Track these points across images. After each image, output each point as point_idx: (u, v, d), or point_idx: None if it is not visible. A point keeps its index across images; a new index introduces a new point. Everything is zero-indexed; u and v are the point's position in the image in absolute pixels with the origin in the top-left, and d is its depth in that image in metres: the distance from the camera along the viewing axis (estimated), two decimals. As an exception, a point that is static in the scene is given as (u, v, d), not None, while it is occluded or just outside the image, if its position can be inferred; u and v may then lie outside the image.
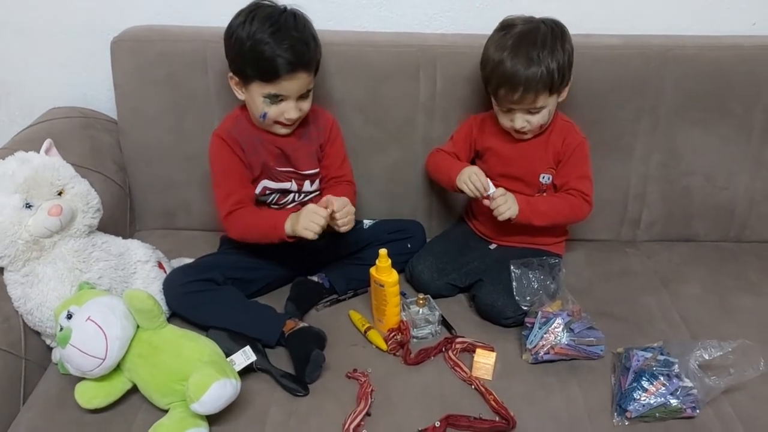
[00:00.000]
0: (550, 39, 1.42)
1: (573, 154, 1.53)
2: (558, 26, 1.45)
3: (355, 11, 1.71)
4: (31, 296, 1.31)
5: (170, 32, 1.66)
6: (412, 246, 1.63)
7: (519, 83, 1.40)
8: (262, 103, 1.43)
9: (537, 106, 1.45)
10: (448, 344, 1.41)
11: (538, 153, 1.54)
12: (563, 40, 1.44)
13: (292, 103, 1.44)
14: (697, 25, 1.68)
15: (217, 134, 1.51)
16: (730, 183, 1.70)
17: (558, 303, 1.41)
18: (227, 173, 1.50)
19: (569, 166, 1.54)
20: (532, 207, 1.50)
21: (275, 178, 1.54)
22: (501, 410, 1.25)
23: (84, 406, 1.24)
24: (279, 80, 1.39)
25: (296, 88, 1.42)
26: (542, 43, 1.41)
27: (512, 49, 1.41)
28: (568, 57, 1.44)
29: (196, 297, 1.42)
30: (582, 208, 1.53)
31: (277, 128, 1.49)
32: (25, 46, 1.79)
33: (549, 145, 1.54)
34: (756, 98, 1.62)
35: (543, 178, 1.55)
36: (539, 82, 1.40)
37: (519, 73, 1.40)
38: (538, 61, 1.40)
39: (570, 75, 1.47)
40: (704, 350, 1.27)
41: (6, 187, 1.28)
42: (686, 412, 1.24)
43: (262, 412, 1.26)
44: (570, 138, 1.53)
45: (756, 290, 1.59)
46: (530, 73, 1.39)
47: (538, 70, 1.39)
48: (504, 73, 1.41)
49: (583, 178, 1.54)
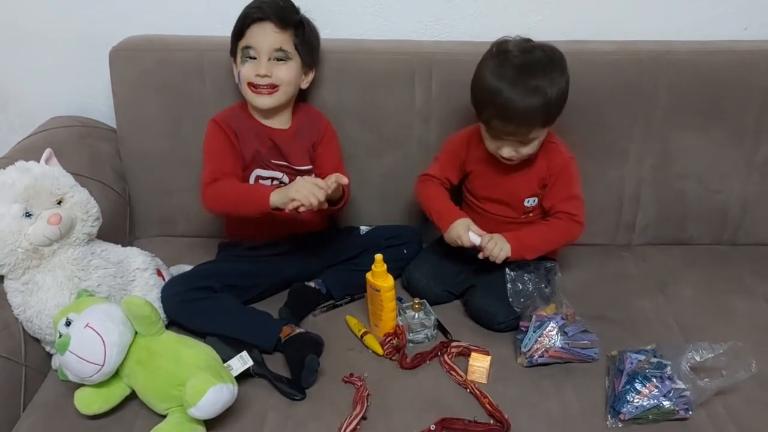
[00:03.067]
0: (549, 69, 1.37)
1: (559, 177, 1.50)
2: (555, 53, 1.40)
3: (352, 19, 1.72)
4: (30, 304, 1.32)
5: (168, 41, 1.68)
6: (408, 252, 1.64)
7: (515, 116, 1.36)
8: (240, 63, 1.50)
9: (529, 138, 1.41)
10: (444, 348, 1.42)
11: (522, 178, 1.52)
12: (561, 68, 1.39)
13: (263, 60, 1.48)
14: (690, 30, 1.70)
15: (214, 119, 1.56)
16: (723, 186, 1.71)
17: (552, 306, 1.42)
18: (217, 154, 1.53)
19: (556, 188, 1.51)
20: (523, 242, 1.47)
21: (266, 167, 1.56)
22: (496, 413, 1.26)
23: (83, 412, 1.25)
24: (248, 29, 1.48)
25: (265, 39, 1.48)
26: (542, 75, 1.36)
27: (510, 80, 1.35)
28: (566, 85, 1.40)
29: (193, 305, 1.44)
30: (572, 231, 1.50)
31: (253, 96, 1.52)
32: (25, 56, 1.80)
33: (534, 170, 1.51)
34: (748, 102, 1.63)
35: (528, 202, 1.53)
36: (536, 116, 1.37)
37: (517, 106, 1.35)
38: (537, 95, 1.35)
39: (565, 100, 1.43)
40: (696, 352, 1.28)
41: (6, 196, 1.30)
42: (679, 414, 1.25)
43: (259, 417, 1.27)
44: (555, 161, 1.50)
45: (750, 293, 1.60)
46: (528, 108, 1.35)
47: (537, 104, 1.35)
48: (501, 104, 1.36)
49: (571, 199, 1.50)
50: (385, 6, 1.71)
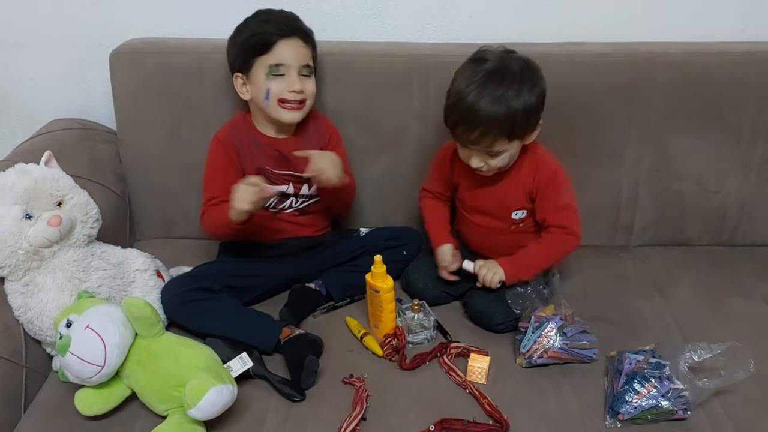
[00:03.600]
0: (518, 81, 1.33)
1: (546, 189, 1.46)
2: (530, 67, 1.37)
3: (350, 22, 1.74)
4: (31, 305, 1.33)
5: (168, 45, 1.69)
6: (407, 253, 1.64)
7: (477, 123, 1.34)
8: (265, 80, 1.48)
9: (494, 150, 1.38)
10: (443, 349, 1.42)
11: (508, 191, 1.49)
12: (533, 82, 1.35)
13: (294, 75, 1.48)
14: (686, 31, 1.70)
15: (216, 137, 1.57)
16: (720, 187, 1.71)
17: (551, 307, 1.42)
18: (215, 179, 1.55)
19: (545, 200, 1.47)
20: (517, 265, 1.46)
21: (272, 182, 1.57)
22: (495, 413, 1.26)
23: (84, 413, 1.26)
24: (275, 45, 1.47)
25: (294, 55, 1.48)
26: (509, 83, 1.33)
27: (478, 85, 1.33)
28: (538, 102, 1.36)
29: (193, 306, 1.44)
30: (567, 244, 1.48)
31: (283, 113, 1.51)
32: (26, 60, 1.81)
33: (518, 183, 1.48)
34: (744, 103, 1.64)
35: (516, 214, 1.51)
36: (499, 126, 1.33)
37: (479, 113, 1.32)
38: (501, 104, 1.32)
39: (538, 119, 1.40)
40: (694, 352, 1.28)
41: (6, 198, 1.30)
42: (678, 414, 1.25)
43: (259, 418, 1.27)
44: (540, 174, 1.47)
45: (748, 293, 1.60)
46: (491, 116, 1.32)
47: (500, 113, 1.32)
48: (465, 109, 1.34)
49: (562, 210, 1.47)
50: (383, 9, 1.72)
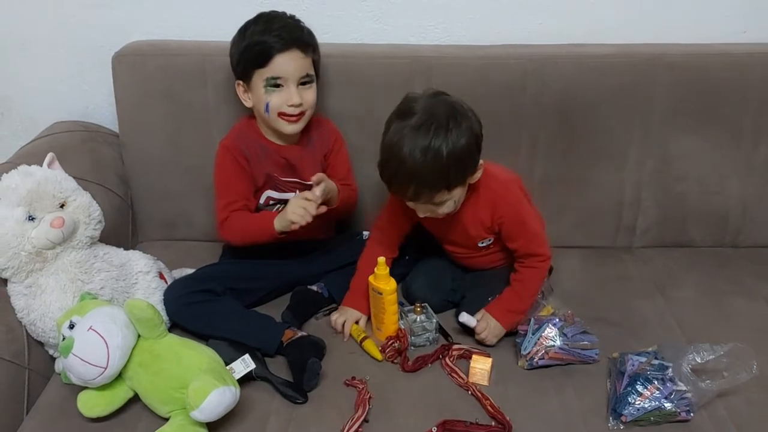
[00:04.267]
0: (445, 128, 1.27)
1: (510, 225, 1.44)
2: (457, 110, 1.31)
3: (352, 24, 1.74)
4: (34, 307, 1.33)
5: (170, 47, 1.69)
6: (409, 257, 1.64)
7: (410, 181, 1.29)
8: (264, 93, 1.47)
9: (435, 202, 1.34)
10: (445, 351, 1.42)
11: (469, 225, 1.47)
12: (461, 125, 1.29)
13: (292, 88, 1.47)
14: (687, 33, 1.70)
15: (224, 144, 1.55)
16: (723, 188, 1.71)
17: (548, 309, 1.42)
18: (229, 184, 1.53)
19: (512, 235, 1.45)
20: (511, 312, 1.43)
21: (279, 189, 1.57)
22: (497, 415, 1.26)
23: (86, 414, 1.26)
24: (273, 59, 1.44)
25: (293, 68, 1.46)
26: (435, 132, 1.27)
27: (406, 141, 1.28)
28: (467, 142, 1.29)
29: (195, 308, 1.44)
30: (542, 271, 1.47)
31: (284, 125, 1.51)
32: (28, 62, 1.82)
33: (476, 218, 1.46)
34: (746, 104, 1.63)
35: (482, 242, 1.50)
36: (431, 181, 1.29)
37: (411, 170, 1.28)
38: (430, 155, 1.26)
39: (475, 160, 1.34)
40: (697, 354, 1.28)
41: (9, 199, 1.31)
42: (681, 416, 1.25)
43: (261, 420, 1.27)
44: (498, 211, 1.43)
45: (751, 295, 1.60)
46: (422, 171, 1.27)
47: (430, 166, 1.27)
48: (395, 167, 1.30)
49: (532, 239, 1.45)
50: (385, 11, 1.72)
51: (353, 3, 1.72)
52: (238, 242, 1.54)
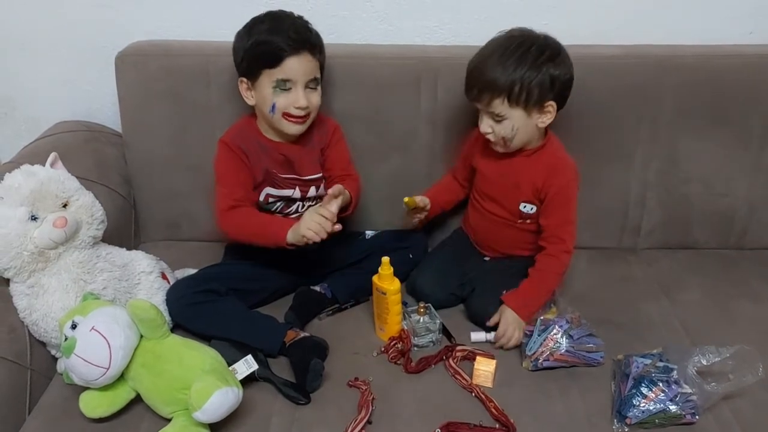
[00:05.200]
0: (529, 51, 1.38)
1: (556, 197, 1.48)
2: (549, 46, 1.41)
3: (358, 24, 1.73)
4: (36, 307, 1.33)
5: (173, 47, 1.69)
6: (413, 256, 1.64)
7: (477, 80, 1.41)
8: (272, 93, 1.46)
9: (496, 113, 1.41)
10: (449, 352, 1.41)
11: (520, 180, 1.50)
12: (545, 59, 1.38)
13: (300, 90, 1.46)
14: (695, 34, 1.69)
15: (222, 140, 1.55)
16: (729, 190, 1.70)
17: (554, 310, 1.42)
18: (230, 176, 1.53)
19: (552, 208, 1.49)
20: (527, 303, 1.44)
21: (278, 185, 1.57)
22: (501, 417, 1.26)
23: (88, 415, 1.25)
24: (284, 61, 1.43)
25: (302, 70, 1.46)
26: (516, 49, 1.39)
27: (491, 46, 1.42)
28: (544, 78, 1.38)
29: (198, 308, 1.44)
30: (563, 263, 1.49)
31: (287, 125, 1.50)
32: (31, 62, 1.82)
33: (530, 175, 1.49)
34: (754, 105, 1.63)
35: (524, 207, 1.52)
36: (495, 85, 1.38)
37: (480, 69, 1.40)
38: (502, 65, 1.38)
39: (546, 98, 1.41)
40: (702, 356, 1.27)
41: (12, 199, 1.30)
42: (686, 419, 1.25)
43: (264, 421, 1.27)
44: (554, 178, 1.48)
45: (756, 297, 1.59)
46: (489, 73, 1.39)
47: (499, 72, 1.38)
48: (471, 67, 1.43)
49: (566, 224, 1.49)
50: (391, 11, 1.72)
51: (358, 3, 1.71)
52: (234, 236, 1.53)
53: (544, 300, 1.46)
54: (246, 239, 1.51)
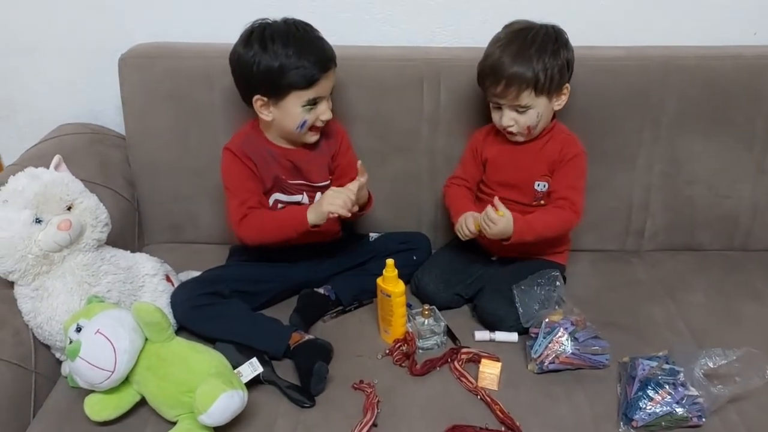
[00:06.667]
0: (543, 40, 1.44)
1: (569, 163, 1.53)
2: (557, 31, 1.47)
3: (360, 26, 1.73)
4: (40, 310, 1.32)
5: (176, 49, 1.69)
6: (417, 258, 1.64)
7: (502, 75, 1.43)
8: (301, 112, 1.45)
9: (522, 104, 1.45)
10: (454, 355, 1.41)
11: (533, 159, 1.54)
12: (558, 44, 1.45)
13: (325, 104, 1.48)
14: (698, 35, 1.70)
15: (228, 148, 1.54)
16: (733, 192, 1.70)
17: (560, 312, 1.41)
18: (240, 184, 1.52)
19: (563, 173, 1.54)
20: (528, 223, 1.47)
21: (287, 191, 1.56)
22: (507, 420, 1.25)
23: (93, 418, 1.25)
24: (318, 82, 1.43)
25: (329, 86, 1.48)
26: (532, 40, 1.44)
27: (504, 42, 1.45)
28: (563, 63, 1.45)
29: (202, 310, 1.44)
30: (570, 221, 1.52)
31: (310, 136, 1.52)
32: (35, 65, 1.82)
33: (544, 152, 1.54)
34: (757, 107, 1.63)
35: (538, 185, 1.55)
36: (522, 77, 1.42)
37: (504, 65, 1.43)
38: (525, 57, 1.42)
39: (564, 82, 1.48)
40: (709, 358, 1.27)
41: (16, 202, 1.30)
42: (692, 421, 1.24)
43: (269, 424, 1.27)
44: (568, 148, 1.53)
45: (761, 298, 1.59)
46: (514, 67, 1.42)
47: (524, 65, 1.42)
48: (491, 64, 1.45)
49: (574, 188, 1.53)
50: (393, 13, 1.72)
51: (361, 5, 1.71)
52: (255, 241, 1.52)
53: (540, 233, 1.48)
54: (269, 240, 1.51)
